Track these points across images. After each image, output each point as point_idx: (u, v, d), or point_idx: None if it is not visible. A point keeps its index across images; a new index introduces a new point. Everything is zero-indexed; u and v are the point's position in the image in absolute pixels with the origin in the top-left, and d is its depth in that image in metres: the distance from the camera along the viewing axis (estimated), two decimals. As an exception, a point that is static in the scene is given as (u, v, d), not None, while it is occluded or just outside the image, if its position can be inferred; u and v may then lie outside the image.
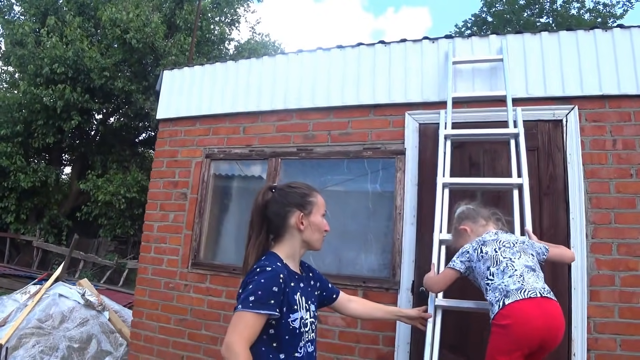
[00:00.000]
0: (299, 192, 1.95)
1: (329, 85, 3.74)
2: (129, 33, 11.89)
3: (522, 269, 2.07)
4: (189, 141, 4.23)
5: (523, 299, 1.97)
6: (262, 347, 1.74)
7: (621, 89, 3.13)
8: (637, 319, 2.86)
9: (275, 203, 1.92)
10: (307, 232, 1.92)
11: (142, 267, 4.21)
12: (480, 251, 2.20)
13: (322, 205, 1.98)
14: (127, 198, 11.78)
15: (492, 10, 19.06)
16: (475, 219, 2.37)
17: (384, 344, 3.24)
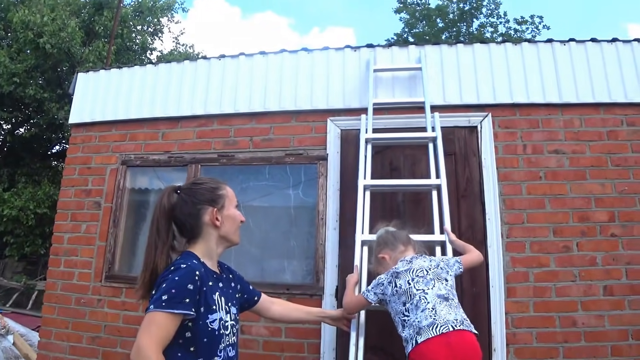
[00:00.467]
0: (208, 188, 1.86)
1: (251, 91, 3.70)
2: (42, 37, 11.16)
3: (434, 300, 2.03)
4: (104, 147, 3.99)
5: (434, 337, 1.93)
6: (177, 353, 1.61)
7: (530, 98, 3.40)
8: (550, 312, 3.06)
9: (184, 204, 1.82)
10: (224, 227, 1.84)
11: (50, 282, 3.87)
12: (394, 285, 2.16)
13: (233, 197, 1.92)
14: (37, 214, 10.92)
15: (412, 31, 20.01)
16: (394, 245, 2.34)
17: (309, 351, 3.19)
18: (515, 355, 3.01)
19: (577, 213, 3.20)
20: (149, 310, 1.58)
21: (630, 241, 3.14)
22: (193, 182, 1.92)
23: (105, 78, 4.12)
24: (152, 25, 15.78)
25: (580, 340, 3.02)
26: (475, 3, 19.82)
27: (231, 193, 1.92)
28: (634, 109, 3.37)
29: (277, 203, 3.64)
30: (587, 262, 3.12)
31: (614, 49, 3.48)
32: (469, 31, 19.60)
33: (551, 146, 3.33)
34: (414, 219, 3.19)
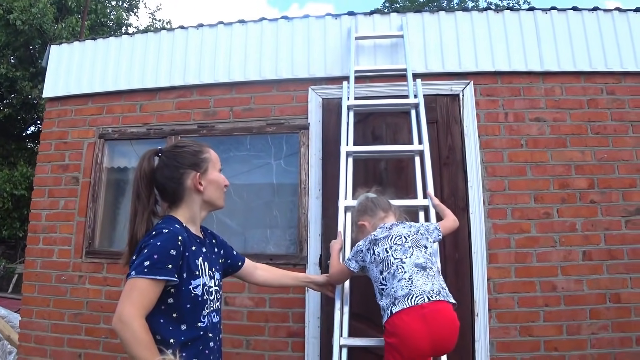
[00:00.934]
0: (190, 151, 1.79)
1: (230, 60, 3.62)
2: (12, 13, 10.78)
3: (411, 270, 1.99)
4: (80, 121, 3.88)
5: (408, 308, 1.90)
6: (160, 319, 1.58)
7: (512, 66, 3.40)
8: (530, 277, 3.12)
9: (165, 167, 1.75)
10: (207, 191, 1.79)
11: (29, 260, 3.79)
12: (372, 252, 2.11)
13: (216, 160, 1.86)
14: (14, 196, 10.69)
15: (393, 6, 19.82)
16: (373, 211, 2.28)
17: (294, 321, 3.20)
18: (497, 320, 3.07)
19: (558, 180, 3.24)
20: (130, 276, 1.54)
21: (609, 207, 3.20)
22: (175, 144, 1.86)
23: (79, 50, 3.98)
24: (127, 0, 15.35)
25: (560, 304, 3.08)
26: (457, -25, 19.75)
27: (215, 156, 1.85)
28: (613, 77, 3.40)
29: (259, 173, 3.60)
30: (567, 228, 3.17)
31: (594, 17, 3.48)
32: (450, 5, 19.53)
33: (532, 114, 3.34)
34: (396, 186, 3.19)
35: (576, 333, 3.05)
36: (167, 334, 1.58)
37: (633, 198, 3.21)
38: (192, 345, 1.63)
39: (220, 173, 1.85)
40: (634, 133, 3.31)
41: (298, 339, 3.18)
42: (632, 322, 3.06)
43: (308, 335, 3.14)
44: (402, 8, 19.07)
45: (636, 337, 3.04)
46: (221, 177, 1.85)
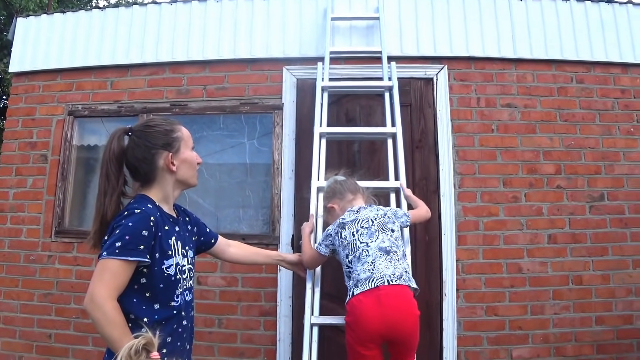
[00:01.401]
0: (161, 130, 1.74)
1: (204, 38, 3.56)
2: (-23, -17, 10.36)
3: (375, 254, 2.01)
4: (49, 97, 3.77)
5: (368, 290, 1.92)
6: (133, 299, 1.57)
7: (485, 51, 3.44)
8: (497, 258, 3.22)
9: (136, 148, 1.70)
10: (180, 171, 1.75)
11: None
12: (340, 236, 2.13)
13: (188, 138, 1.81)
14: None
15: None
16: (342, 194, 2.29)
17: (266, 300, 3.23)
18: (465, 300, 3.16)
19: (526, 165, 3.32)
20: (101, 257, 1.51)
21: (574, 193, 3.30)
22: (145, 123, 1.79)
23: (47, 23, 3.85)
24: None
25: (525, 285, 3.19)
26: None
27: (187, 134, 1.81)
28: (583, 66, 3.48)
29: (232, 153, 3.58)
30: (533, 212, 3.26)
31: (567, 7, 3.54)
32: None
33: (504, 100, 3.40)
34: (369, 168, 3.23)
35: (540, 313, 3.16)
36: (141, 313, 1.57)
37: (597, 184, 3.32)
38: (167, 324, 1.62)
39: (192, 151, 1.82)
40: (600, 121, 3.41)
41: (270, 318, 3.21)
42: (592, 303, 3.19)
43: (280, 314, 3.18)
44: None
45: (596, 317, 3.17)
46: (194, 155, 1.82)
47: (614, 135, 3.40)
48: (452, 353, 3.09)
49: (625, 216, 3.30)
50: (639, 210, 3.32)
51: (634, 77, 3.49)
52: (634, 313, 3.20)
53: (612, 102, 3.45)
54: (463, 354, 3.11)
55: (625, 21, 3.53)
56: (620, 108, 3.44)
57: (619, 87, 3.47)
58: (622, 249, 3.26)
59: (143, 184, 1.75)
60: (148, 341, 1.02)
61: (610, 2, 3.56)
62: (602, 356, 3.14)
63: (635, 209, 3.31)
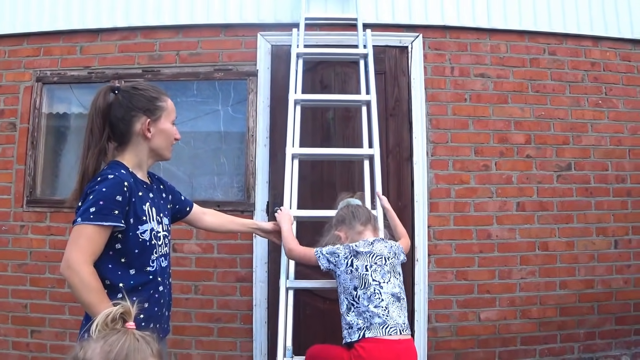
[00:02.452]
0: (147, 96, 1.73)
1: (176, 1, 3.46)
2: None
3: (388, 299, 1.98)
4: (15, 63, 3.64)
5: (385, 340, 1.91)
6: (108, 264, 1.57)
7: (460, 21, 3.45)
8: (468, 225, 3.31)
9: (119, 106, 1.70)
10: (155, 140, 1.73)
11: (-35, 211, 3.63)
12: (350, 264, 2.04)
13: (172, 111, 1.79)
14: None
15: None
16: (351, 224, 2.19)
17: (241, 266, 3.27)
18: (436, 265, 3.26)
19: (498, 134, 3.39)
20: (76, 222, 1.52)
21: (543, 162, 3.40)
22: (133, 85, 1.78)
23: (12, -15, 3.71)
24: None
25: (493, 250, 3.30)
26: None
27: (171, 107, 1.79)
28: (556, 38, 3.53)
29: (206, 120, 3.54)
30: (503, 180, 3.35)
31: (543, -23, 3.56)
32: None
33: (477, 70, 3.44)
34: (344, 136, 3.26)
35: (507, 277, 3.29)
36: (117, 279, 1.58)
37: (565, 154, 3.42)
38: (143, 290, 1.64)
39: (173, 125, 1.80)
40: (570, 93, 3.49)
41: (246, 284, 3.25)
42: (556, 268, 3.33)
43: (256, 280, 3.23)
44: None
45: (560, 281, 3.32)
46: (173, 129, 1.80)
47: (582, 107, 3.49)
48: (423, 316, 3.19)
49: (591, 185, 3.42)
50: (603, 180, 3.44)
51: (604, 50, 3.57)
52: (595, 278, 3.35)
53: (582, 74, 3.52)
54: (434, 317, 3.23)
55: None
56: (590, 80, 3.52)
57: (590, 59, 3.55)
58: (586, 217, 3.39)
59: (119, 145, 1.74)
60: (126, 310, 1.03)
61: (584, -26, 3.59)
62: (565, 318, 3.30)
63: (600, 178, 3.44)
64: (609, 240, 3.40)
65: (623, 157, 3.48)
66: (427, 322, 3.21)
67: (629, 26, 3.57)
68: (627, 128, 3.51)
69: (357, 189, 3.14)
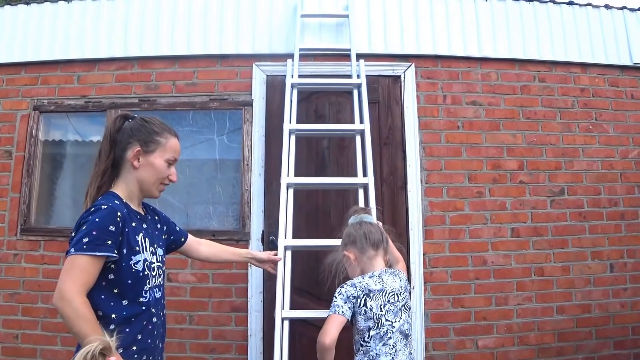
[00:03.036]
0: (148, 128, 1.77)
1: (173, 32, 3.53)
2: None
3: (397, 337, 1.92)
4: (13, 91, 3.67)
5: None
6: (101, 295, 1.57)
7: (452, 50, 3.52)
8: (463, 252, 3.31)
9: (123, 132, 1.76)
10: (141, 171, 1.74)
11: (-41, 239, 3.61)
12: (364, 304, 1.93)
13: (170, 150, 1.78)
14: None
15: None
16: (363, 247, 2.04)
17: (237, 295, 3.24)
18: (432, 292, 3.24)
19: (490, 161, 3.42)
20: (69, 253, 1.52)
21: (536, 188, 3.43)
22: (143, 117, 1.82)
23: (11, 15, 3.74)
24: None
25: (489, 277, 3.29)
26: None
27: (171, 145, 1.79)
28: (545, 66, 3.61)
29: (202, 149, 3.56)
30: (497, 207, 3.37)
31: (531, 8, 3.67)
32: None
33: (469, 97, 3.50)
34: (338, 164, 3.28)
35: (504, 304, 3.27)
36: (109, 310, 1.58)
37: (558, 179, 3.45)
38: (136, 321, 1.63)
39: (167, 164, 1.79)
40: (561, 119, 3.54)
41: (241, 314, 3.22)
42: (553, 293, 3.32)
43: (251, 310, 3.20)
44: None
45: (557, 306, 3.31)
46: (163, 166, 1.77)
47: (573, 132, 3.54)
48: (420, 344, 3.17)
49: (584, 210, 3.44)
50: (596, 204, 3.46)
51: (593, 77, 3.64)
52: (592, 302, 3.34)
53: (572, 100, 3.58)
54: (431, 345, 3.20)
55: (584, 23, 3.67)
56: (580, 106, 3.58)
57: (579, 86, 3.61)
58: (581, 241, 3.40)
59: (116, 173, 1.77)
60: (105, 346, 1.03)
61: (571, 3, 3.69)
62: (563, 344, 3.28)
63: (593, 203, 3.46)
64: (605, 264, 3.40)
65: (615, 181, 3.52)
66: (424, 351, 3.18)
67: (615, 52, 3.66)
68: (617, 152, 3.56)
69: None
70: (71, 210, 3.65)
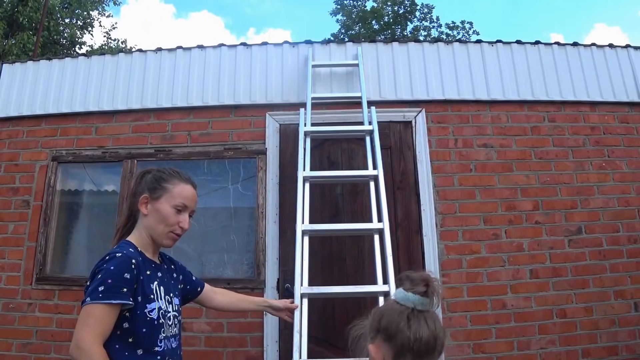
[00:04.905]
0: (157, 176, 1.80)
1: (189, 85, 3.65)
2: (-39, 27, 10.43)
3: None
4: (33, 143, 3.77)
5: None
6: (116, 344, 1.54)
7: (460, 94, 3.57)
8: (482, 295, 3.24)
9: (138, 184, 1.80)
10: (149, 219, 1.74)
11: (-24, 288, 3.62)
12: None
13: (177, 196, 1.76)
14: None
15: (349, 33, 20.43)
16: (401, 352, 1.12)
17: (252, 345, 3.19)
18: (452, 338, 3.15)
19: (505, 202, 3.40)
20: (85, 303, 1.51)
21: (552, 228, 3.38)
22: (160, 168, 1.86)
23: (33, 70, 3.90)
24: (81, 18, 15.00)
25: (510, 321, 3.21)
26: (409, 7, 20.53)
27: (179, 192, 1.77)
28: (554, 106, 3.64)
29: (216, 197, 3.60)
30: (514, 248, 3.33)
31: (536, 51, 3.73)
32: (404, 34, 20.32)
33: (480, 140, 3.52)
34: (352, 211, 3.28)
35: (526, 348, 3.17)
36: None
37: (574, 218, 3.42)
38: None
39: (175, 210, 1.76)
40: (573, 158, 3.54)
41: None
42: (577, 335, 3.22)
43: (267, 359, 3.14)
44: (357, 36, 19.69)
45: (582, 349, 3.20)
46: (171, 213, 1.75)
47: (587, 171, 3.52)
48: (442, 394, 3.07)
49: (603, 248, 3.39)
50: (615, 242, 3.41)
51: (602, 114, 3.66)
52: (618, 344, 3.23)
53: (583, 138, 3.59)
54: (454, 395, 3.11)
55: (590, 62, 3.73)
56: (591, 144, 3.58)
57: (589, 124, 3.63)
58: (602, 280, 3.33)
59: (127, 221, 1.81)
60: None
61: (575, 45, 3.76)
62: (591, 389, 3.16)
63: (612, 240, 3.41)
64: (629, 303, 3.31)
65: (633, 218, 3.47)
66: (447, 402, 3.08)
67: (623, 90, 3.69)
68: (633, 188, 3.53)
69: (367, 263, 3.16)
70: (86, 259, 3.67)
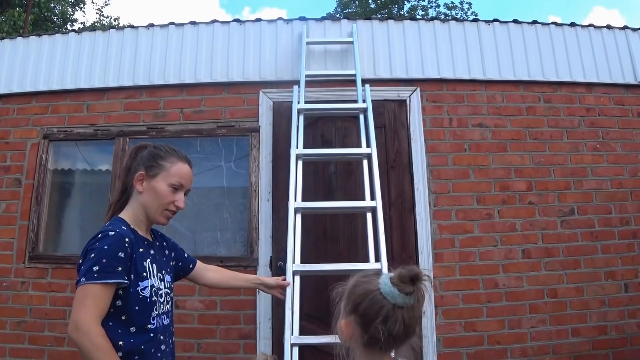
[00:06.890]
0: (154, 153, 1.78)
1: (181, 62, 3.60)
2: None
3: None
4: (23, 120, 3.73)
5: None
6: (109, 322, 1.54)
7: (456, 74, 3.55)
8: (474, 275, 3.26)
9: (133, 159, 1.79)
10: (144, 196, 1.73)
11: (-33, 267, 3.61)
12: None
13: (174, 175, 1.75)
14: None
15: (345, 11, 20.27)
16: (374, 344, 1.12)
17: (245, 322, 3.21)
18: (443, 317, 3.19)
19: (499, 183, 3.40)
20: (80, 283, 1.51)
21: (545, 208, 3.39)
22: (156, 145, 1.85)
23: (23, 46, 3.83)
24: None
25: (501, 300, 3.24)
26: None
27: (176, 171, 1.76)
28: (550, 86, 3.62)
29: (209, 176, 3.58)
30: (507, 228, 3.34)
31: (533, 30, 3.70)
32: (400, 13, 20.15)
33: (475, 120, 3.50)
34: (345, 189, 3.28)
35: (517, 327, 3.21)
36: (117, 337, 1.55)
37: (567, 199, 3.42)
38: (144, 348, 1.61)
39: (171, 189, 1.75)
40: (568, 139, 3.53)
41: (250, 341, 3.18)
42: (567, 315, 3.26)
43: (260, 336, 3.16)
44: (353, 14, 19.52)
45: (572, 329, 3.24)
46: (167, 192, 1.75)
47: (581, 152, 3.52)
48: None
49: (595, 229, 3.41)
50: (608, 224, 3.42)
51: (598, 96, 3.64)
52: (608, 324, 3.27)
53: (578, 120, 3.58)
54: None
55: (587, 43, 3.70)
56: (586, 125, 3.57)
57: (585, 105, 3.62)
58: (593, 261, 3.35)
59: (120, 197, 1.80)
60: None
61: (573, 25, 3.72)
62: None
63: (604, 222, 3.42)
64: (619, 284, 3.34)
65: (625, 200, 3.48)
66: (437, 378, 3.12)
67: (620, 71, 3.67)
68: (627, 170, 3.53)
69: (360, 242, 3.16)
70: (79, 237, 3.66)
